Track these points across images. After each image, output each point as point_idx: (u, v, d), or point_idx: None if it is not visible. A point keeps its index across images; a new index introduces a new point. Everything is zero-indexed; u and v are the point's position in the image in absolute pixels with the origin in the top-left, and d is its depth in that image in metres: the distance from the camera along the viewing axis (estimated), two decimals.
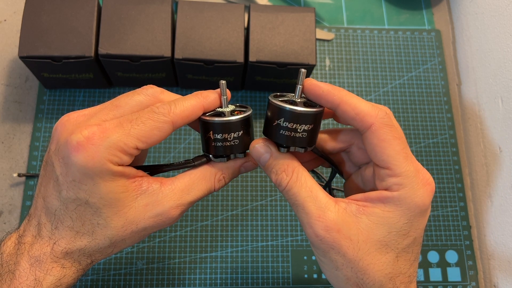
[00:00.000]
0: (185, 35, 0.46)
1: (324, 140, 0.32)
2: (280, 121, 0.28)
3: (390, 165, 0.27)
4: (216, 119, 0.29)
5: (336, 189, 0.51)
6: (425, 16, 0.61)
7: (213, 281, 0.46)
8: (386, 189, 0.28)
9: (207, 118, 0.29)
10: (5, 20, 0.55)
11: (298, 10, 0.48)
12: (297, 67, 0.47)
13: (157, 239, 0.47)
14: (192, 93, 0.30)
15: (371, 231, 0.27)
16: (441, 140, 0.55)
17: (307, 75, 0.50)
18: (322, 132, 0.32)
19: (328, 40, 0.58)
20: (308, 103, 0.29)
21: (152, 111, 0.27)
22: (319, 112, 0.28)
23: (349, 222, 0.27)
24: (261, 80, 0.50)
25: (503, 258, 0.48)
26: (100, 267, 0.46)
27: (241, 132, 0.29)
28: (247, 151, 0.31)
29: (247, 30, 0.48)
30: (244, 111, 0.30)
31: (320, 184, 0.29)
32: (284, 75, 0.49)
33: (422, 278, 0.49)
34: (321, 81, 0.30)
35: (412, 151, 0.53)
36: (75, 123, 0.27)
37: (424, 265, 0.49)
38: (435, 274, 0.49)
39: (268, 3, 0.57)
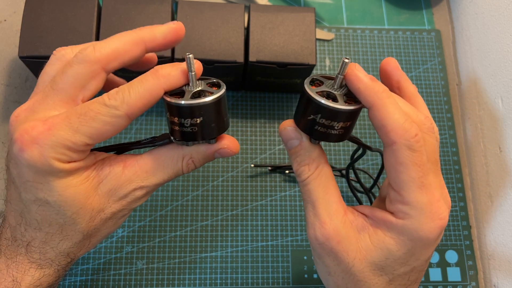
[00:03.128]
0: (185, 35, 0.46)
1: None
2: (317, 117, 0.25)
3: (401, 191, 0.25)
4: (182, 102, 0.24)
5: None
6: (425, 16, 0.61)
7: (213, 281, 0.46)
8: (393, 213, 0.26)
9: (170, 99, 0.25)
10: (5, 20, 0.55)
11: (298, 10, 0.48)
12: (297, 67, 0.47)
13: (157, 239, 0.47)
14: (151, 70, 0.25)
15: (369, 252, 0.26)
16: (441, 140, 0.55)
17: (307, 75, 0.49)
18: None
19: (328, 40, 0.58)
20: (349, 95, 0.25)
21: (103, 104, 0.24)
22: (360, 108, 0.25)
23: (351, 237, 0.27)
24: (261, 80, 0.50)
25: (503, 258, 0.48)
26: (100, 267, 0.46)
27: (210, 116, 0.25)
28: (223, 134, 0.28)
29: (247, 30, 0.48)
30: (215, 92, 0.25)
31: (352, 182, 0.28)
32: (284, 75, 0.49)
33: (422, 278, 0.49)
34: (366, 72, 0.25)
35: None
36: (23, 119, 0.25)
37: None
38: (435, 274, 0.49)
39: (268, 3, 0.57)
